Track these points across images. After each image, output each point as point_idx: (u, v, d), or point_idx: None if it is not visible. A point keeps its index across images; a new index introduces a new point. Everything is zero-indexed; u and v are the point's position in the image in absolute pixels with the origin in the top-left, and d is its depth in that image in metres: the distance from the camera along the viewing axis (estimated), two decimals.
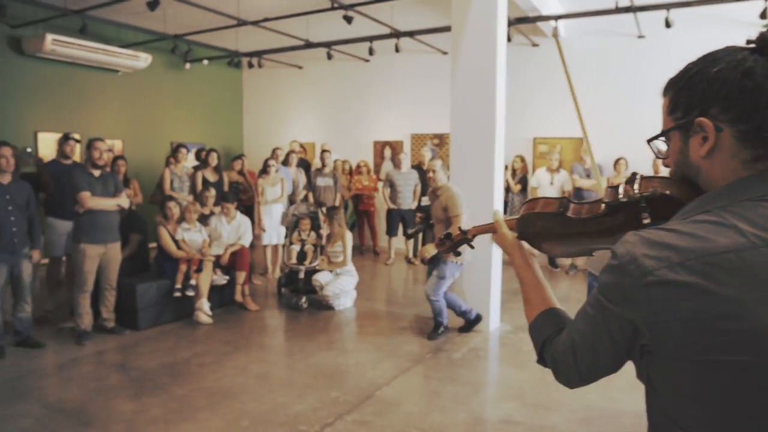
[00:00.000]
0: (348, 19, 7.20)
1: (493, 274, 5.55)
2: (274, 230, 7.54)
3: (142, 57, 9.10)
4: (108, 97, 9.41)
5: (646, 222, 1.04)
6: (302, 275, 6.43)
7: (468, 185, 5.37)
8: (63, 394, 4.07)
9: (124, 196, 5.38)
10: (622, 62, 8.04)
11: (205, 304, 5.82)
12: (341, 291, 6.29)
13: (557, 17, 7.52)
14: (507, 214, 8.02)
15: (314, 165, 9.46)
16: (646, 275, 0.86)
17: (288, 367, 4.69)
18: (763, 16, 6.41)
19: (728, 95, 0.90)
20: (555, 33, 2.18)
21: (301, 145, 10.11)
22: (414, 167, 9.12)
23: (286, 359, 4.95)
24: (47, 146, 8.23)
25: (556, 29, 7.60)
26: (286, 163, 8.24)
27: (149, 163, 9.59)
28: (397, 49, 8.71)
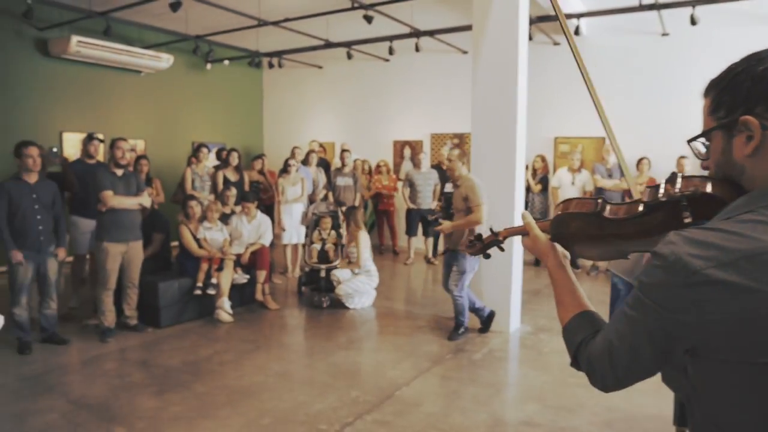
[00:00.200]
0: (368, 19, 7.20)
1: (514, 274, 5.51)
2: (294, 229, 7.57)
3: (164, 58, 9.21)
4: (131, 97, 9.54)
5: (687, 221, 1.02)
6: (323, 274, 6.46)
7: (489, 185, 5.33)
8: (87, 389, 4.14)
9: (146, 195, 5.44)
10: (645, 60, 7.91)
11: (225, 302, 5.87)
12: (354, 291, 6.29)
13: (579, 15, 7.44)
14: None
15: (334, 164, 9.48)
16: (693, 275, 0.85)
17: (308, 366, 4.71)
18: None
19: None
20: (566, 30, 2.13)
21: (321, 145, 10.14)
22: (434, 167, 9.09)
23: (306, 358, 4.97)
24: (72, 146, 8.37)
25: (577, 27, 7.51)
26: (306, 163, 8.27)
27: (171, 162, 9.70)
28: (417, 49, 8.70)
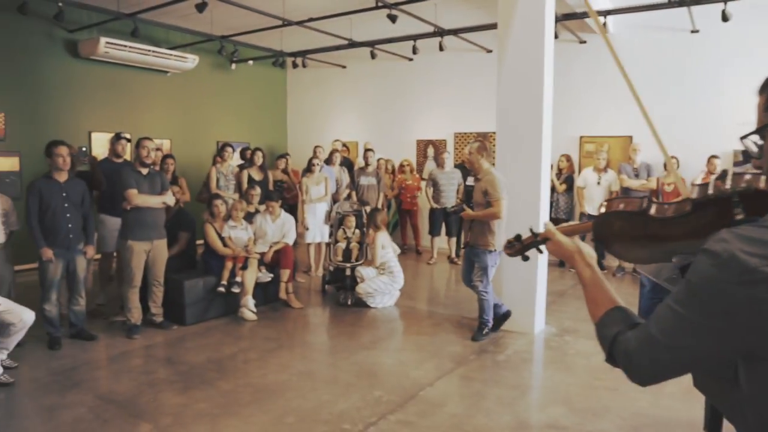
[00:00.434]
0: (392, 18, 7.18)
1: (539, 275, 5.45)
2: (318, 229, 7.59)
3: (190, 58, 9.32)
4: (157, 97, 9.68)
5: (738, 218, 1.00)
6: (348, 272, 6.47)
7: (514, 185, 5.28)
8: (114, 385, 4.20)
9: (170, 194, 5.49)
10: (674, 58, 7.76)
11: (249, 300, 5.91)
12: (375, 291, 6.28)
13: (606, 12, 7.32)
14: (552, 215, 7.79)
15: (357, 164, 9.48)
16: (748, 273, 0.82)
17: (331, 365, 4.71)
18: None
19: None
20: (602, 29, 2.10)
21: (344, 144, 10.16)
22: (457, 166, 9.04)
23: (330, 357, 4.98)
24: (100, 145, 8.50)
25: (604, 24, 7.40)
26: (329, 162, 8.29)
27: (196, 161, 9.81)
28: (441, 48, 8.66)
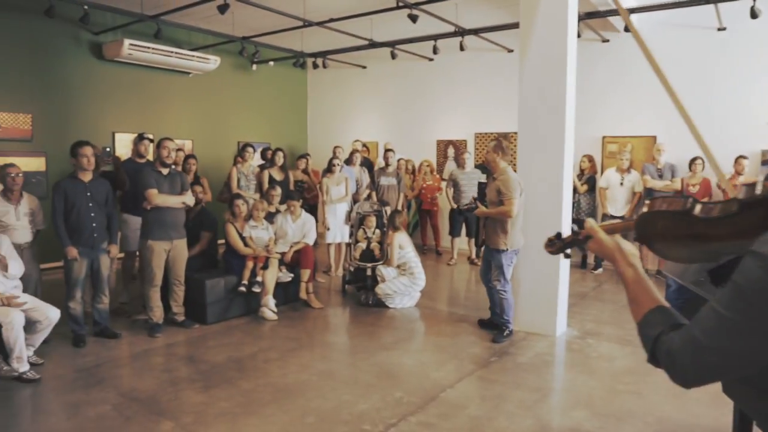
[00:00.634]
0: (413, 18, 7.15)
1: (561, 277, 5.38)
2: (338, 229, 7.60)
3: (212, 59, 9.40)
4: (179, 98, 9.78)
5: None
6: (369, 272, 6.46)
7: (535, 186, 5.24)
8: (137, 383, 4.24)
9: (190, 194, 5.53)
10: (700, 56, 7.60)
11: (270, 300, 5.93)
12: (394, 292, 6.26)
13: (630, 10, 7.21)
14: (573, 215, 7.66)
15: (377, 164, 9.47)
16: None
17: (351, 366, 4.71)
18: None
19: None
20: (632, 26, 2.04)
21: (365, 145, 10.16)
22: (478, 167, 8.99)
23: (350, 357, 4.98)
24: (124, 146, 8.62)
25: (630, 20, 7.29)
26: (349, 162, 8.29)
27: (217, 162, 9.89)
28: (461, 48, 8.60)
